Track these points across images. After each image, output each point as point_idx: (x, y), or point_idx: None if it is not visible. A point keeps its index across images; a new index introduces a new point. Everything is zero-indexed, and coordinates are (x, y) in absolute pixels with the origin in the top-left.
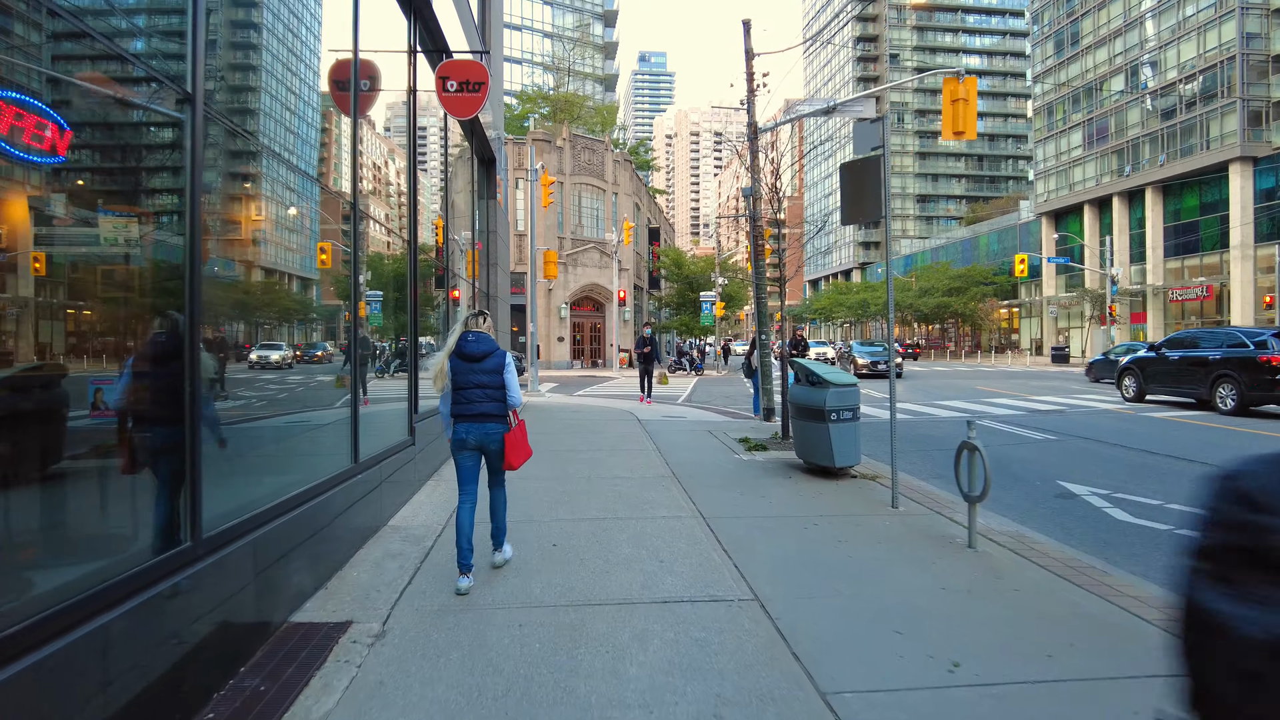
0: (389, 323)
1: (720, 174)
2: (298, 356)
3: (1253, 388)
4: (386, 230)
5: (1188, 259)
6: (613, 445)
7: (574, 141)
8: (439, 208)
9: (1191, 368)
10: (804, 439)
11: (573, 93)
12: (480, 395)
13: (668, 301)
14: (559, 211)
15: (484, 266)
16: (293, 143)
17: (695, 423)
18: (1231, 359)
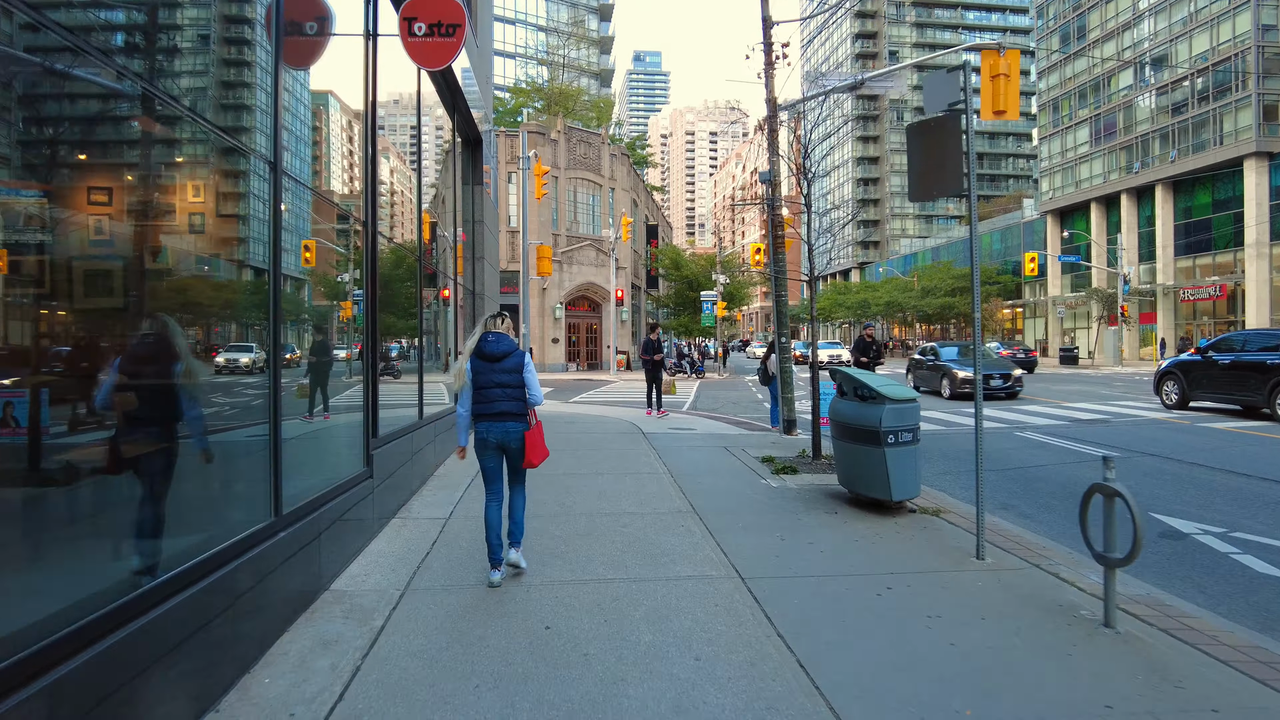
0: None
1: (716, 173)
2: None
3: None
4: (359, 224)
5: (1199, 258)
6: (617, 467)
7: (569, 134)
8: (431, 204)
9: (1246, 372)
10: (850, 464)
11: (568, 84)
12: (500, 394)
13: (666, 301)
14: (553, 207)
15: (469, 261)
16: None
17: (707, 436)
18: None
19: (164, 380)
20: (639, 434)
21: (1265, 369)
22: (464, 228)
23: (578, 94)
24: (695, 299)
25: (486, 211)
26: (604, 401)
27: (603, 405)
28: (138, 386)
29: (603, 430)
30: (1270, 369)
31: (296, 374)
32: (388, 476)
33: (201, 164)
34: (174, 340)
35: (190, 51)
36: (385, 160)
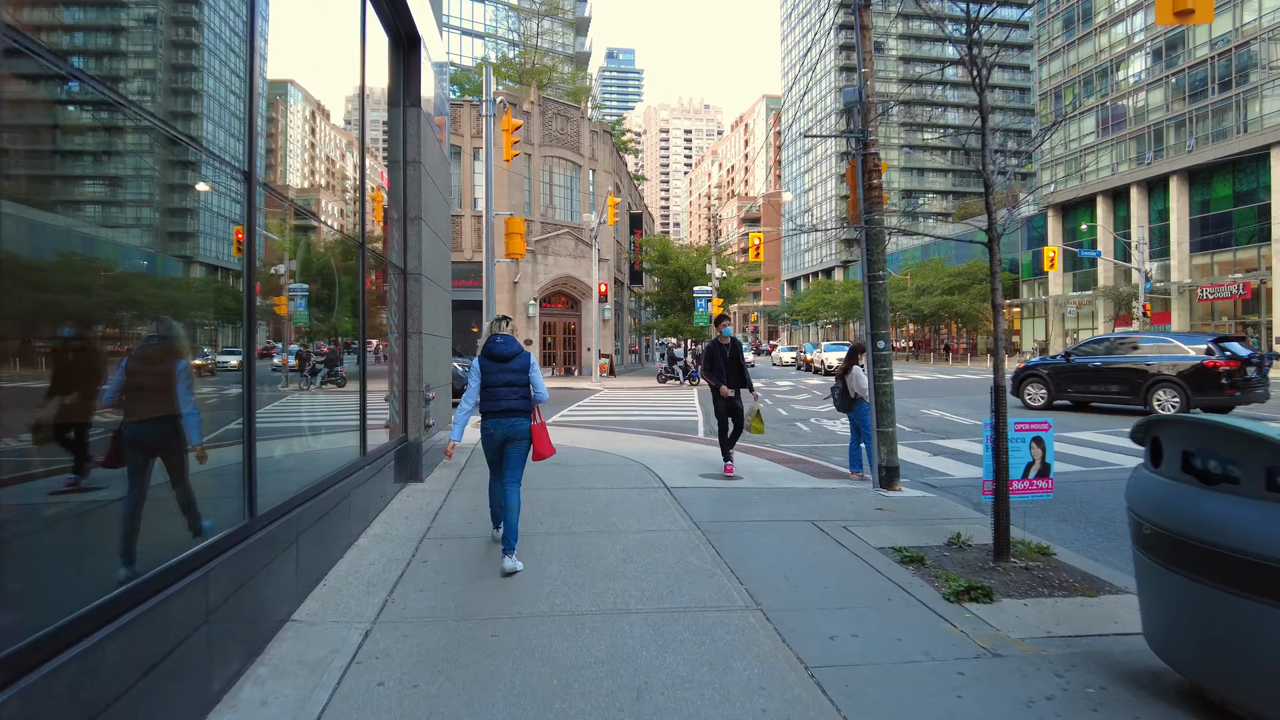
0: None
1: (691, 171)
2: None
3: (1200, 393)
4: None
5: (1219, 254)
6: (646, 585)
7: (544, 107)
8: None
9: (1122, 374)
10: (1211, 628)
11: (541, 54)
12: (508, 392)
13: (651, 299)
14: (526, 188)
15: (398, 223)
16: None
17: (768, 494)
18: (1171, 364)
19: (170, 379)
20: (660, 488)
21: (1145, 370)
22: (389, 168)
23: (551, 70)
24: (686, 296)
25: (431, 153)
26: (592, 422)
27: (593, 430)
28: (145, 386)
29: (603, 481)
30: (1149, 370)
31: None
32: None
33: None
34: (178, 341)
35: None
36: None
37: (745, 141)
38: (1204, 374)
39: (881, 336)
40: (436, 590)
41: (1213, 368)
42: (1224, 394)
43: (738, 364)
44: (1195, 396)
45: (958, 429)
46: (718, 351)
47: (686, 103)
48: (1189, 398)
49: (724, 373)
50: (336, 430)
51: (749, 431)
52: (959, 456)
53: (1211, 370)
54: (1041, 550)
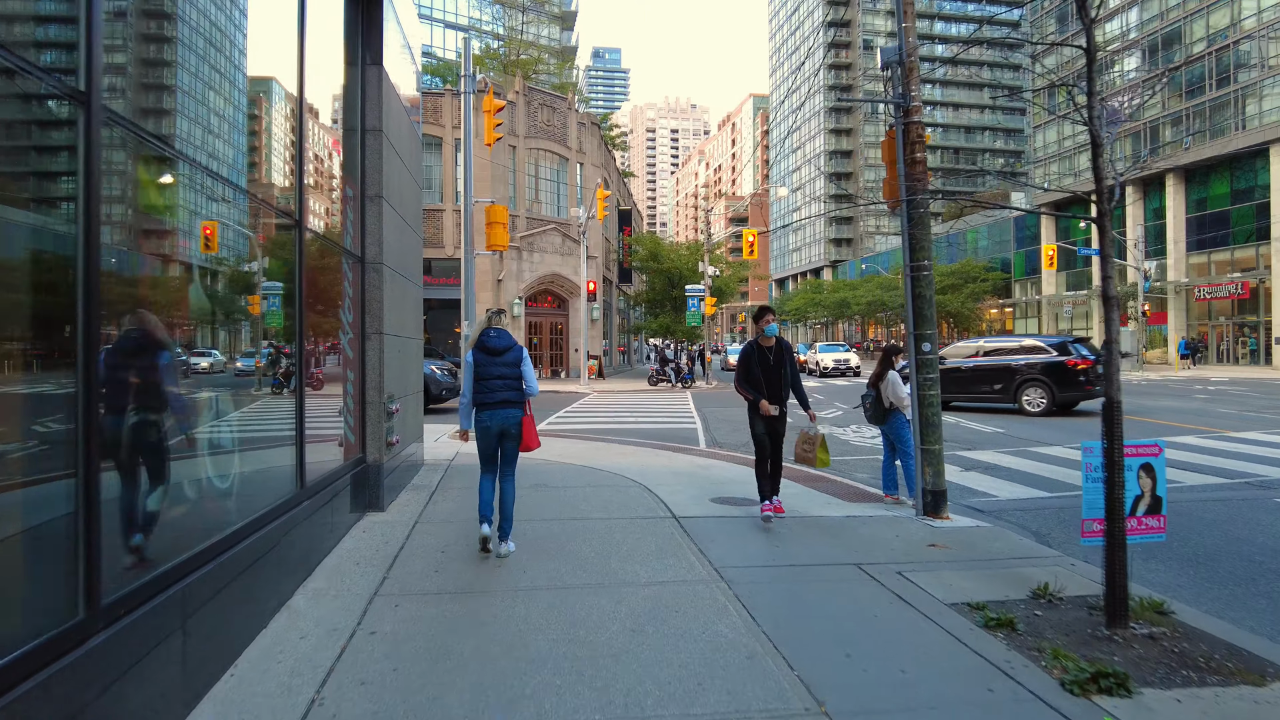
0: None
1: (678, 171)
2: None
3: (1064, 390)
4: None
5: (1216, 253)
6: (672, 683)
7: (530, 97)
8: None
9: (994, 375)
10: None
11: (526, 44)
12: (501, 385)
13: (641, 298)
14: (511, 182)
15: (354, 202)
16: None
17: (792, 523)
18: (1037, 364)
19: (153, 371)
20: (666, 518)
21: (1013, 370)
22: (340, 136)
23: (537, 61)
24: (677, 295)
25: (396, 123)
26: (583, 431)
27: (585, 441)
28: (126, 379)
29: (599, 508)
30: (1017, 370)
31: None
32: None
33: None
34: (157, 333)
35: None
36: None
37: (732, 141)
38: (1066, 372)
39: (927, 337)
40: (383, 683)
41: (1073, 366)
42: (1083, 389)
43: (785, 372)
44: (1060, 393)
45: (980, 438)
46: (756, 356)
47: (673, 102)
48: (1054, 394)
49: (764, 383)
50: (267, 453)
51: (812, 466)
52: (995, 471)
53: (1072, 369)
54: (1156, 607)
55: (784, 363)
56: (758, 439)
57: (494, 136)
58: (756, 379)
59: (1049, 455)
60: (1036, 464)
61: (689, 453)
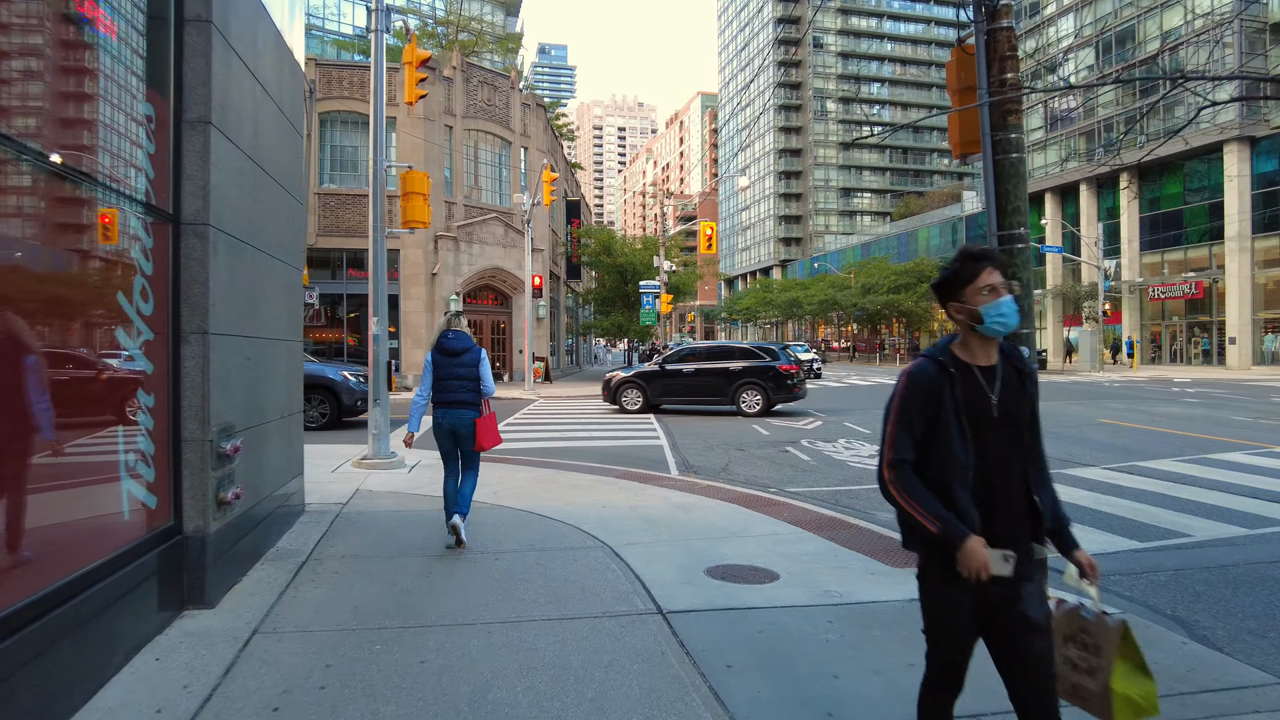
0: None
1: (626, 169)
2: None
3: (777, 393)
4: None
5: (1169, 252)
6: None
7: (469, 73)
8: None
9: (712, 378)
10: None
11: (467, 20)
12: (458, 385)
13: (591, 296)
14: (447, 165)
15: (163, 128)
16: None
17: (837, 621)
18: (753, 368)
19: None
20: (649, 614)
21: (729, 374)
22: (149, 30)
23: (476, 43)
24: (631, 292)
25: (243, 18)
26: (527, 452)
27: (529, 466)
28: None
29: (547, 596)
30: (734, 373)
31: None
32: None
33: None
34: (22, 335)
35: None
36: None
37: (680, 139)
38: (779, 376)
39: (1022, 340)
40: None
41: (785, 370)
42: (793, 392)
43: (1026, 443)
44: (773, 395)
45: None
46: (952, 392)
47: (620, 100)
48: (769, 397)
49: (979, 480)
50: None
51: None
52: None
53: (784, 373)
54: None
55: (1023, 413)
56: (944, 663)
57: (418, 93)
58: (953, 467)
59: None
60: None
61: (659, 483)
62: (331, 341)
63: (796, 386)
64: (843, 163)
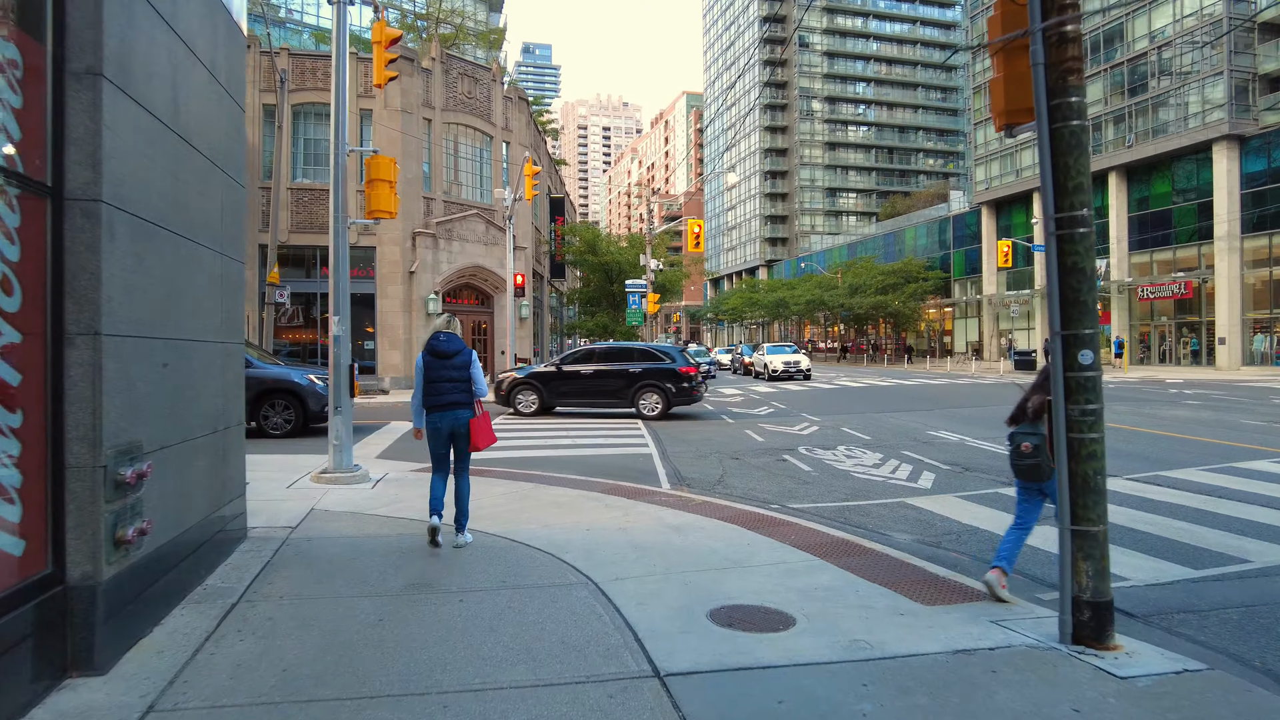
0: None
1: (611, 169)
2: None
3: (677, 395)
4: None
5: (1158, 252)
6: None
7: (448, 65)
8: None
9: (611, 379)
10: None
11: (448, 13)
12: (450, 387)
13: (576, 295)
14: (426, 160)
15: (35, 78)
16: None
17: (870, 686)
18: (653, 370)
19: None
20: (644, 676)
21: (629, 375)
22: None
23: (457, 36)
24: (616, 291)
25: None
26: (503, 462)
27: (503, 479)
28: None
29: (519, 655)
30: (634, 375)
31: None
32: None
33: None
34: None
35: None
36: None
37: (666, 139)
38: (679, 378)
39: (1085, 341)
40: None
41: (685, 373)
42: (692, 395)
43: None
44: (674, 398)
45: None
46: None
47: (605, 100)
48: (669, 399)
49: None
50: None
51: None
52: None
53: (684, 375)
54: None
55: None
56: None
57: (387, 75)
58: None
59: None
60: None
61: (650, 499)
62: (306, 342)
63: (695, 389)
64: (828, 163)
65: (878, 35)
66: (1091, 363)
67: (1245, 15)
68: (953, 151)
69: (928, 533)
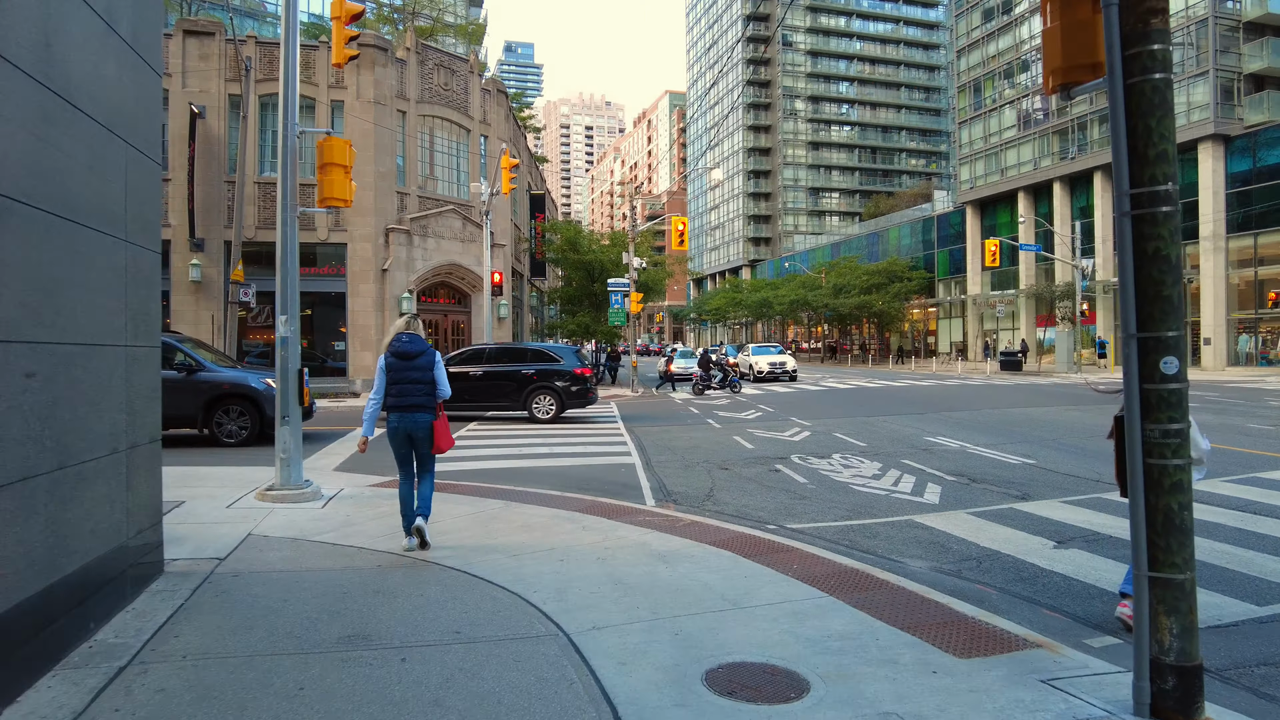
0: None
1: (593, 168)
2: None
3: (570, 397)
4: None
5: None
6: None
7: (423, 55)
8: None
9: (503, 381)
10: None
11: (426, 2)
12: (413, 389)
13: (557, 294)
14: (400, 153)
15: None
16: None
17: None
18: (546, 371)
19: None
20: None
21: (521, 378)
22: None
23: (435, 28)
24: (598, 290)
25: None
26: (473, 474)
27: (468, 495)
28: None
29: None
30: (526, 377)
31: None
32: None
33: None
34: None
35: None
36: None
37: (649, 138)
38: (573, 379)
39: (1168, 345)
40: None
41: (578, 374)
42: (586, 397)
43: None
44: (568, 400)
45: (1026, 477)
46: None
47: (588, 99)
48: (562, 401)
49: None
50: None
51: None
52: (1103, 547)
53: (578, 376)
54: None
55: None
56: None
57: (347, 54)
58: None
59: None
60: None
61: (633, 518)
62: (272, 343)
63: (590, 391)
64: (812, 162)
65: (861, 35)
66: (1177, 372)
67: (1231, 15)
68: (935, 151)
69: (944, 558)
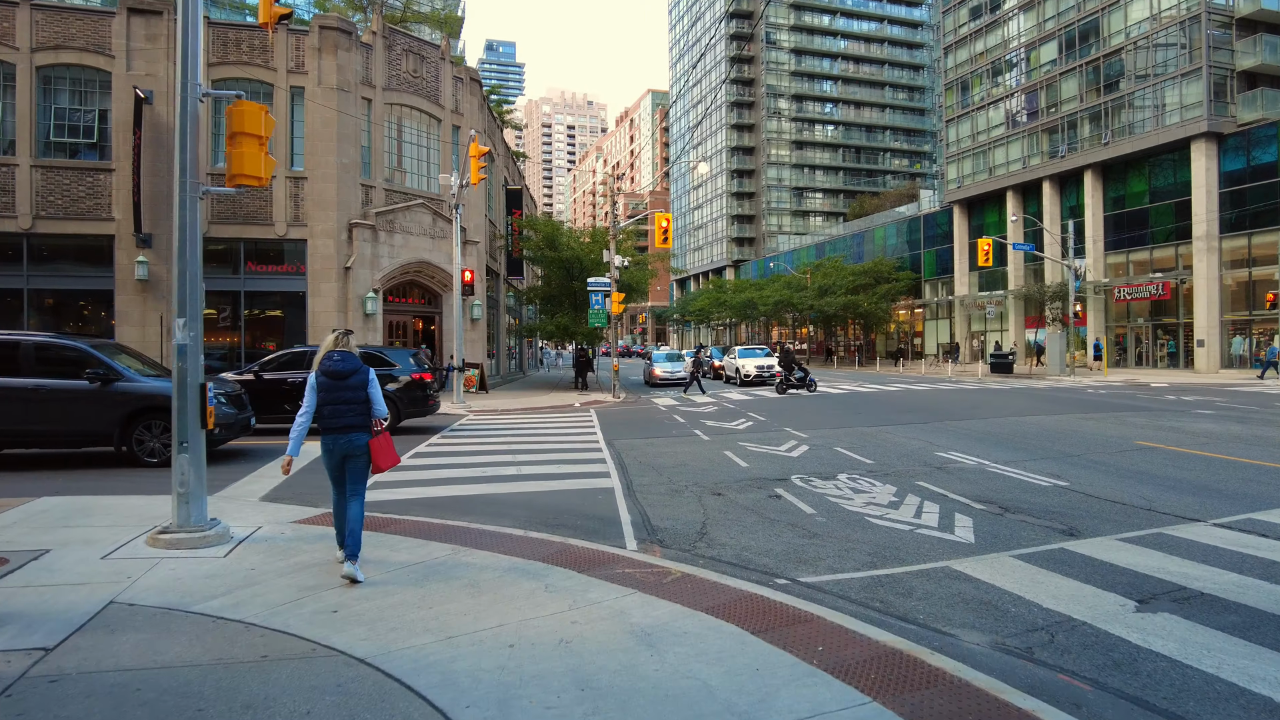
0: None
1: (575, 168)
2: None
3: (410, 405)
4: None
5: (1134, 252)
6: None
7: (391, 41)
8: None
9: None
10: None
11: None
12: (346, 410)
13: (535, 294)
14: (365, 143)
15: None
16: None
17: None
18: (380, 378)
19: None
20: None
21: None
22: None
23: (409, 15)
24: (578, 289)
25: None
26: (429, 501)
27: (419, 538)
28: None
29: None
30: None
31: None
32: None
33: None
34: None
35: None
36: None
37: (631, 137)
38: (410, 386)
39: None
40: None
41: (418, 380)
42: (426, 405)
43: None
44: (405, 409)
45: (1065, 505)
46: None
47: (569, 98)
48: (400, 411)
49: None
50: None
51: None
52: (1202, 611)
53: (418, 382)
54: None
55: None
56: None
57: (276, 11)
58: None
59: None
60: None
61: (609, 571)
62: (232, 345)
63: (430, 399)
64: (796, 162)
65: (845, 33)
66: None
67: (1223, 11)
68: (920, 151)
69: (1003, 627)
